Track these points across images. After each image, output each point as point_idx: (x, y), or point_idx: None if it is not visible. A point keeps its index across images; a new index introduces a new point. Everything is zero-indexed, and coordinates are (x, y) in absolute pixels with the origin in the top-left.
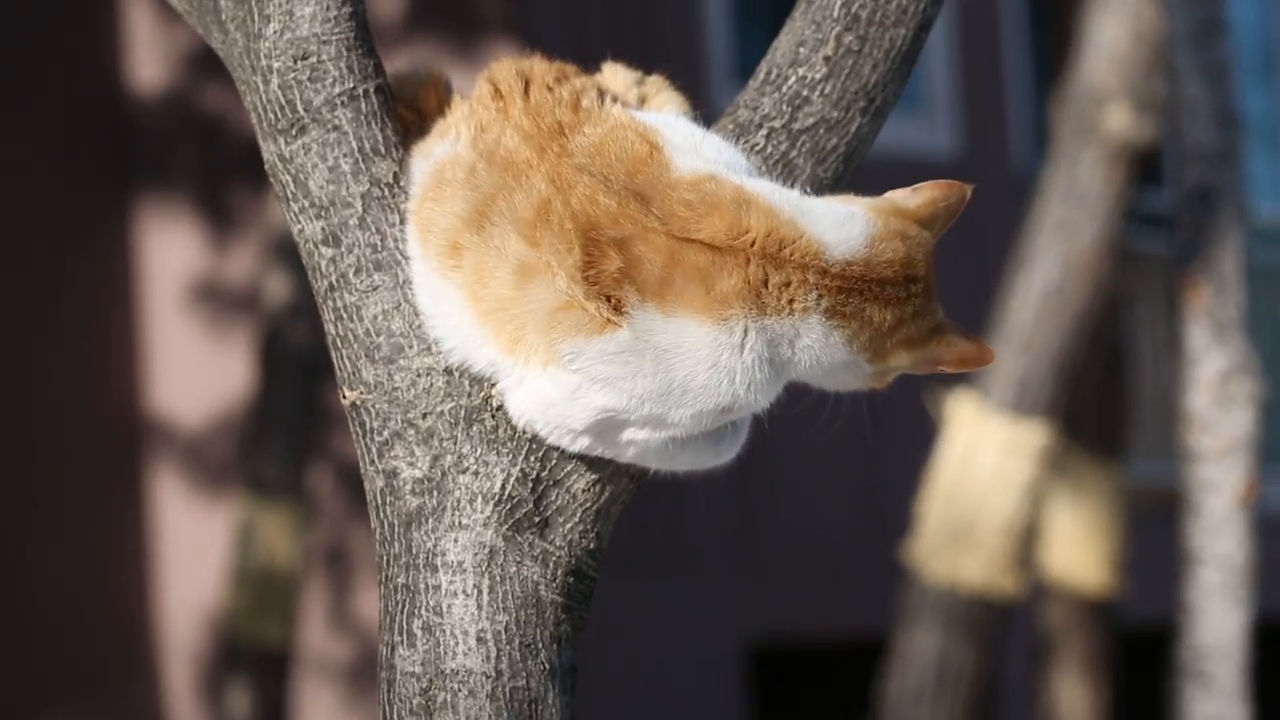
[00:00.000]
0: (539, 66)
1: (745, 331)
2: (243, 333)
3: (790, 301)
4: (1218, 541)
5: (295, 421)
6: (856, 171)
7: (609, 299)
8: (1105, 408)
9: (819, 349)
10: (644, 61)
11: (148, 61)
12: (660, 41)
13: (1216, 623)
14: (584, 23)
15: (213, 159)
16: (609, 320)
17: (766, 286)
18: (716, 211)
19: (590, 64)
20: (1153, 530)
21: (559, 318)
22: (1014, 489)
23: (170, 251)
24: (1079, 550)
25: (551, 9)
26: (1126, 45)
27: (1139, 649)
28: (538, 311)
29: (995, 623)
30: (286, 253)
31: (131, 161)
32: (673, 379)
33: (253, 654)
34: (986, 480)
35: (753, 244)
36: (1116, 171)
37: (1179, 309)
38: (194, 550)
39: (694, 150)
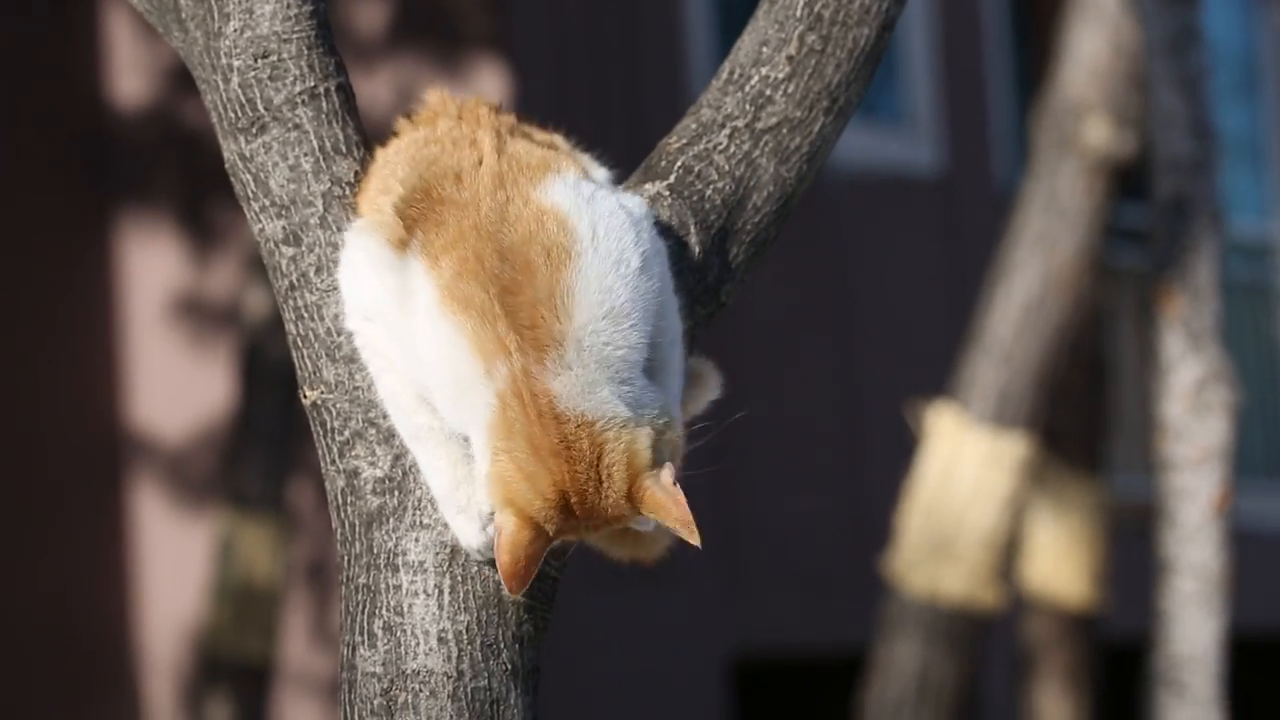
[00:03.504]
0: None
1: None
2: (223, 347)
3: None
4: (1192, 550)
5: (276, 436)
6: (824, 175)
7: (406, 226)
8: (1086, 422)
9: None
10: (627, 73)
11: (128, 76)
12: (642, 54)
13: (1191, 632)
14: (567, 36)
15: (193, 174)
16: (400, 239)
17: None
18: (526, 241)
19: (573, 77)
20: (1135, 544)
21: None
22: (994, 501)
23: (151, 266)
24: (1061, 563)
25: (535, 24)
26: (1106, 58)
27: (1121, 662)
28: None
29: (976, 635)
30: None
31: (112, 176)
32: (406, 322)
33: (233, 668)
34: (967, 493)
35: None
36: (1096, 184)
37: (1154, 318)
38: (174, 565)
39: (584, 199)
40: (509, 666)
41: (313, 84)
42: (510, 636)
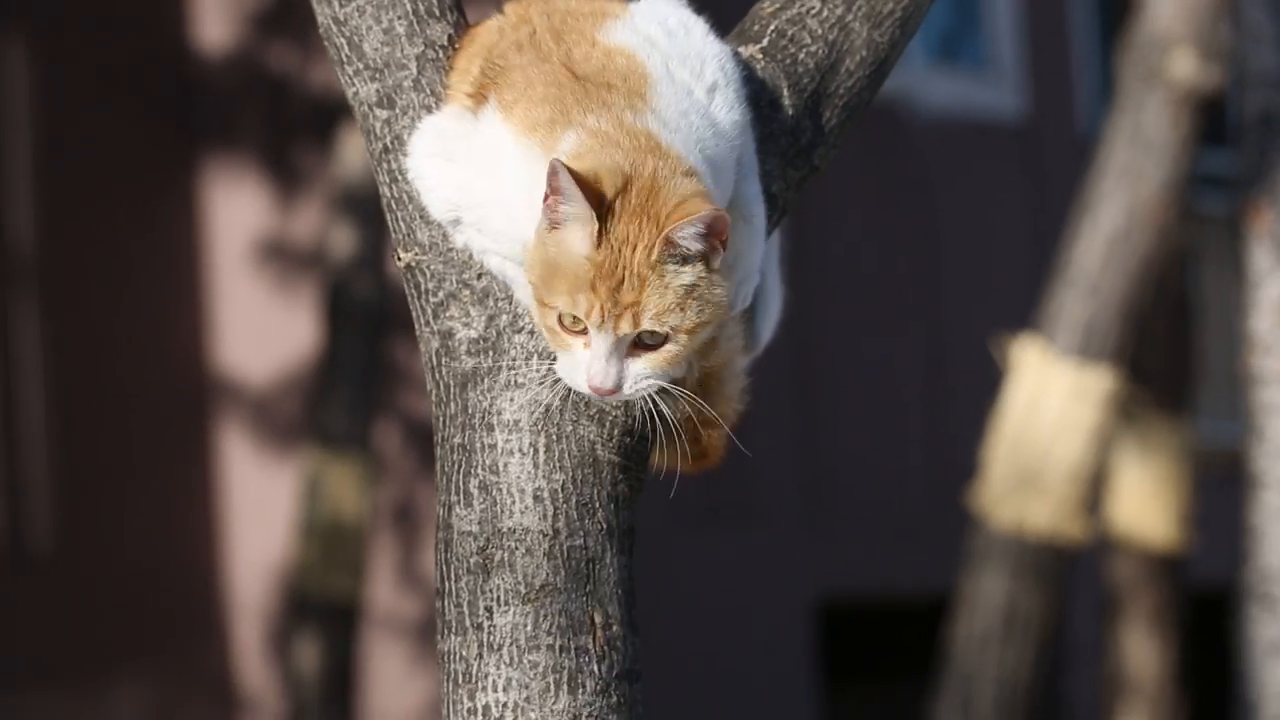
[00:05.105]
0: None
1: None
2: (309, 288)
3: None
4: None
5: (362, 375)
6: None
7: (477, 94)
8: (1173, 364)
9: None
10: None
11: (213, 20)
12: None
13: None
14: None
15: (278, 116)
16: (467, 105)
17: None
18: (601, 70)
19: None
20: (1219, 491)
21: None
22: (1080, 434)
23: (236, 209)
24: (1147, 505)
25: None
26: None
27: (1206, 610)
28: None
29: (1062, 568)
30: (352, 207)
31: (197, 120)
32: (491, 183)
33: (321, 607)
34: (1053, 425)
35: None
36: (1182, 118)
37: (1242, 233)
38: (262, 506)
39: (648, 41)
40: (604, 526)
41: None
42: (605, 496)
